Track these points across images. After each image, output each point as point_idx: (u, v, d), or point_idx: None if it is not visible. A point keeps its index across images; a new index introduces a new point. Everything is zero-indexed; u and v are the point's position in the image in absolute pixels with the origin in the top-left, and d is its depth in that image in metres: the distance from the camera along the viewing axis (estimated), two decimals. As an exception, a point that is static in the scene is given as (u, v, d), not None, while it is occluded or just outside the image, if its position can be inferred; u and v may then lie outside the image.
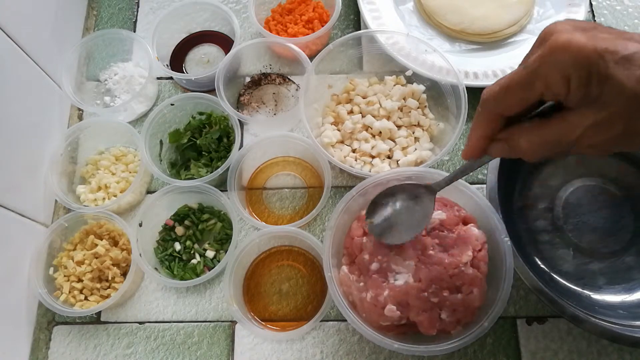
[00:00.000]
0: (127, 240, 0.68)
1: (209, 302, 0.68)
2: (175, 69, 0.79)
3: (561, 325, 0.64)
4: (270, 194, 0.73)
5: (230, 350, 0.65)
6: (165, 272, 0.68)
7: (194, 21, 0.83)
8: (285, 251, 0.70)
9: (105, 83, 0.81)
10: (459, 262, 0.54)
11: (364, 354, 0.64)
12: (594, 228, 0.66)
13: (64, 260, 0.67)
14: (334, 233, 0.58)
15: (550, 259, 0.65)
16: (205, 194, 0.68)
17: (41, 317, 0.67)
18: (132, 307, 0.68)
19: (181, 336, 0.67)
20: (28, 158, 0.68)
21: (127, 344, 0.67)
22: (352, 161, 0.69)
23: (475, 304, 0.54)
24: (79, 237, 0.69)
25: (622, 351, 0.62)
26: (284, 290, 0.68)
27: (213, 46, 0.83)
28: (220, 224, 0.71)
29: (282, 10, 0.81)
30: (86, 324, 0.68)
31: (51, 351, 0.67)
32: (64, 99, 0.77)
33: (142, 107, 0.78)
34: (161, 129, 0.74)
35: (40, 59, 0.72)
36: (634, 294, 0.63)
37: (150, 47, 0.75)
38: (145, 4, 0.86)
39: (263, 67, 0.81)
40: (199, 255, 0.69)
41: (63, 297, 0.65)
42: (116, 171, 0.74)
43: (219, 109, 0.73)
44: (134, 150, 0.76)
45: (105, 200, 0.71)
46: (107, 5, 0.87)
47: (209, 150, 0.73)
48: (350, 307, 0.56)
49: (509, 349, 0.63)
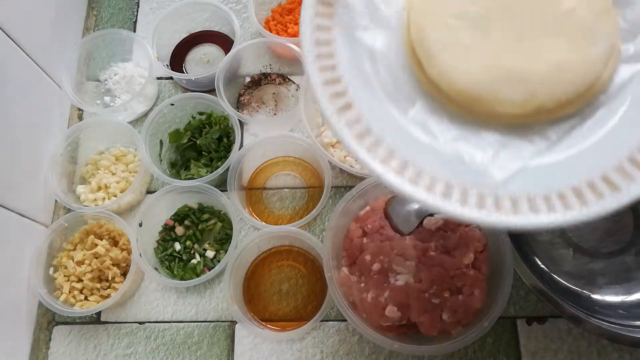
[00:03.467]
0: (127, 240, 0.68)
1: (209, 302, 0.68)
2: (175, 69, 0.79)
3: (561, 325, 0.64)
4: (270, 194, 0.73)
5: (230, 350, 0.65)
6: (165, 272, 0.68)
7: (194, 21, 0.83)
8: (285, 251, 0.70)
9: (105, 83, 0.81)
10: (461, 264, 0.54)
11: (364, 354, 0.64)
12: (594, 228, 0.66)
13: (64, 260, 0.67)
14: (334, 234, 0.59)
15: (550, 259, 0.65)
16: (205, 194, 0.68)
17: (41, 317, 0.67)
18: (132, 307, 0.68)
19: (181, 336, 0.67)
20: (28, 158, 0.68)
21: (127, 344, 0.67)
22: (352, 161, 0.69)
23: (477, 305, 0.54)
24: (79, 237, 0.69)
25: (622, 351, 0.62)
26: (284, 290, 0.68)
27: (213, 46, 0.83)
28: (220, 224, 0.71)
29: (282, 10, 0.81)
30: (86, 324, 0.68)
31: (51, 351, 0.67)
32: (64, 99, 0.77)
33: (142, 107, 0.78)
34: (161, 129, 0.74)
35: (40, 59, 0.72)
36: (633, 294, 0.63)
37: (150, 47, 0.75)
38: (145, 4, 0.86)
39: (263, 67, 0.80)
40: (199, 255, 0.69)
41: (63, 297, 0.65)
42: (116, 171, 0.74)
43: (219, 109, 0.73)
44: (134, 150, 0.76)
45: (105, 200, 0.71)
46: (107, 5, 0.87)
47: (209, 150, 0.73)
48: (351, 308, 0.56)
49: (509, 349, 0.63)
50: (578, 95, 0.39)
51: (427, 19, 0.41)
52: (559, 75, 0.39)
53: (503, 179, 0.38)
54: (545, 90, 0.39)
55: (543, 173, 0.39)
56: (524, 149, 0.40)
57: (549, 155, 0.40)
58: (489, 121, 0.40)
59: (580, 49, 0.40)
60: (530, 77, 0.39)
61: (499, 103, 0.39)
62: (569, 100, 0.39)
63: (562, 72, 0.39)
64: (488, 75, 0.39)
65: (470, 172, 0.38)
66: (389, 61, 0.42)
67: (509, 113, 0.39)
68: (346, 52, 0.41)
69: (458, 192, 0.37)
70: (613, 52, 0.40)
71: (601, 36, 0.40)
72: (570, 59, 0.40)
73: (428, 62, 0.40)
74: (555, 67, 0.39)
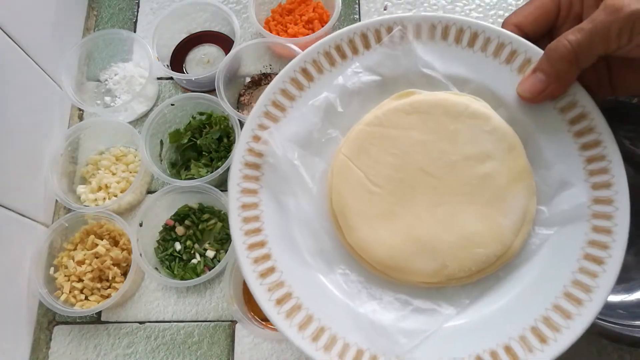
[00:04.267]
0: (128, 240, 0.68)
1: (209, 302, 0.68)
2: (175, 69, 0.79)
3: (561, 325, 0.64)
4: (270, 194, 0.73)
5: (230, 350, 0.65)
6: (165, 272, 0.68)
7: (194, 21, 0.83)
8: (285, 251, 0.70)
9: (105, 83, 0.81)
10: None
11: (364, 353, 0.64)
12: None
13: (64, 260, 0.67)
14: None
15: (550, 260, 0.65)
16: (206, 194, 0.68)
17: (41, 316, 0.68)
18: (133, 307, 0.68)
19: (181, 336, 0.67)
20: (28, 158, 0.68)
21: (128, 343, 0.67)
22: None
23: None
24: (79, 237, 0.69)
25: (622, 351, 0.62)
26: (284, 290, 0.68)
27: (213, 46, 0.83)
28: (221, 223, 0.71)
29: (282, 10, 0.81)
30: (86, 323, 0.68)
31: (51, 351, 0.67)
32: (64, 99, 0.77)
33: (143, 107, 0.78)
34: (161, 129, 0.74)
35: (40, 59, 0.72)
36: (633, 293, 0.63)
37: (151, 47, 0.75)
38: (146, 4, 0.86)
39: (263, 67, 0.81)
40: (199, 255, 0.69)
41: (63, 297, 0.65)
42: (116, 171, 0.74)
43: (219, 109, 0.73)
44: (135, 150, 0.76)
45: (106, 200, 0.71)
46: (107, 5, 0.87)
47: (209, 150, 0.73)
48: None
49: (509, 349, 0.63)
50: (487, 264, 0.41)
51: (348, 187, 0.43)
52: (468, 247, 0.41)
53: (410, 346, 0.40)
54: (455, 262, 0.41)
55: (450, 339, 0.40)
56: (435, 314, 0.42)
57: (459, 320, 0.41)
58: (405, 285, 0.43)
59: (491, 219, 0.42)
60: (441, 248, 0.42)
61: (412, 273, 0.42)
62: (479, 270, 0.41)
63: (470, 244, 0.41)
64: (402, 247, 0.42)
65: (380, 336, 0.40)
66: (313, 225, 0.44)
67: (422, 281, 0.42)
68: (272, 215, 0.43)
69: (367, 358, 0.40)
70: (525, 219, 0.42)
71: (513, 205, 0.42)
72: (478, 231, 0.41)
73: (348, 232, 0.43)
74: (464, 239, 0.41)
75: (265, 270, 0.42)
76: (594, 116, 0.42)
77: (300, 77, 0.45)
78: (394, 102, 0.44)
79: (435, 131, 0.43)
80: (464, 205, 0.42)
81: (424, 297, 0.43)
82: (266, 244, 0.43)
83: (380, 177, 0.43)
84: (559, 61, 0.40)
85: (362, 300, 0.42)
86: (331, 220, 0.44)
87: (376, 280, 0.43)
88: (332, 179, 0.44)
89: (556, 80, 0.41)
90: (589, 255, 0.40)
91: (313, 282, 0.43)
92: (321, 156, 0.45)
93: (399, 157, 0.43)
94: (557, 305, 0.39)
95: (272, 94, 0.45)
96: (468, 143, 0.42)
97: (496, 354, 0.39)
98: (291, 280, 0.42)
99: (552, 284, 0.40)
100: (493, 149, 0.42)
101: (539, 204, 0.43)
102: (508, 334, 0.39)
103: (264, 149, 0.44)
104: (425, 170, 0.43)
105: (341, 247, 0.44)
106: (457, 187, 0.42)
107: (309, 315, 0.41)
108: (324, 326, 0.41)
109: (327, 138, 0.45)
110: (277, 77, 0.45)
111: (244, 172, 0.44)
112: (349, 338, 0.40)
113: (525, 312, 0.40)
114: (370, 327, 0.41)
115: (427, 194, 0.43)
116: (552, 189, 0.42)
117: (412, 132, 0.43)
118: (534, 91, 0.42)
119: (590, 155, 0.42)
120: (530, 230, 0.42)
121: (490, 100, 0.44)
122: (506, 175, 0.42)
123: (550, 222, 0.42)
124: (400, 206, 0.43)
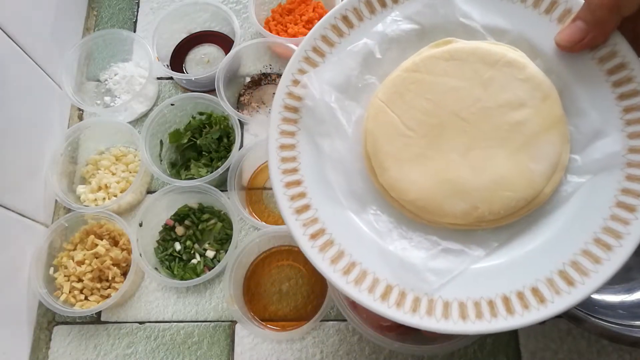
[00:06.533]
0: (127, 240, 0.68)
1: (209, 302, 0.68)
2: (175, 69, 0.79)
3: (561, 325, 0.64)
4: (270, 194, 0.73)
5: (230, 350, 0.65)
6: (165, 272, 0.68)
7: (194, 21, 0.83)
8: (285, 251, 0.70)
9: (105, 83, 0.81)
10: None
11: (364, 354, 0.64)
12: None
13: (64, 260, 0.67)
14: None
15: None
16: (206, 194, 0.68)
17: (41, 317, 0.67)
18: (132, 307, 0.68)
19: (181, 336, 0.67)
20: (28, 158, 0.68)
21: (127, 343, 0.67)
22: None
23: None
24: (79, 237, 0.69)
25: (622, 351, 0.62)
26: (284, 290, 0.68)
27: (213, 46, 0.83)
28: (220, 224, 0.71)
29: (282, 10, 0.81)
30: (86, 323, 0.68)
31: (51, 351, 0.67)
32: (64, 99, 0.77)
33: (142, 107, 0.78)
34: (161, 129, 0.74)
35: (40, 59, 0.72)
36: (633, 293, 0.63)
37: (151, 47, 0.75)
38: (146, 4, 0.86)
39: (263, 67, 0.81)
40: (199, 255, 0.69)
41: (63, 297, 0.65)
42: (116, 171, 0.74)
43: (219, 109, 0.73)
44: (134, 150, 0.76)
45: (106, 200, 0.71)
46: (107, 5, 0.87)
47: (209, 150, 0.73)
48: (351, 308, 0.56)
49: (509, 349, 0.63)
50: (517, 209, 0.42)
51: (382, 130, 0.44)
52: (498, 191, 0.41)
53: (438, 284, 0.40)
54: (485, 204, 0.41)
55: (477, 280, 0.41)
56: (463, 255, 0.42)
57: (487, 262, 0.42)
58: (435, 226, 0.43)
59: (521, 164, 0.42)
60: (471, 191, 0.42)
61: (442, 214, 0.42)
62: (508, 213, 0.42)
63: (500, 187, 0.41)
64: (434, 189, 0.42)
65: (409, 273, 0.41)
66: (347, 167, 0.45)
67: (452, 223, 0.42)
68: (309, 156, 0.45)
69: (396, 294, 0.40)
70: (558, 166, 0.41)
71: (545, 151, 0.41)
72: (509, 175, 0.42)
73: (381, 173, 0.43)
74: (494, 182, 0.42)
75: (300, 207, 0.43)
76: (634, 66, 0.41)
77: (341, 23, 0.46)
78: (432, 50, 0.45)
79: (470, 78, 0.43)
80: (496, 150, 0.42)
81: (454, 239, 0.43)
82: (302, 182, 0.44)
83: (414, 121, 0.43)
84: (599, 7, 0.38)
85: (393, 239, 0.43)
86: (365, 163, 0.45)
87: (407, 221, 0.44)
88: (367, 122, 0.45)
89: (596, 28, 0.40)
90: (621, 203, 0.40)
91: (345, 220, 0.44)
92: (358, 101, 0.46)
93: (433, 102, 0.43)
94: (586, 251, 0.39)
95: (312, 40, 0.45)
96: (502, 90, 0.42)
97: (522, 294, 0.39)
98: (325, 218, 0.43)
99: (582, 230, 0.40)
100: (527, 97, 0.42)
101: (573, 152, 0.42)
102: (535, 276, 0.40)
103: (303, 93, 0.45)
104: (458, 115, 0.43)
105: (374, 189, 0.45)
106: (489, 132, 0.42)
107: (340, 250, 0.42)
108: (355, 261, 0.42)
109: (365, 84, 0.46)
110: (318, 24, 0.46)
111: (283, 115, 0.45)
112: (379, 274, 0.41)
113: (553, 255, 0.40)
114: (399, 265, 0.41)
115: (459, 139, 0.43)
116: (586, 137, 0.42)
117: (448, 78, 0.43)
118: (572, 40, 0.41)
119: (628, 104, 0.41)
120: (562, 178, 0.42)
121: (527, 51, 0.44)
122: (539, 123, 0.42)
123: (583, 170, 0.42)
124: (433, 150, 0.43)
